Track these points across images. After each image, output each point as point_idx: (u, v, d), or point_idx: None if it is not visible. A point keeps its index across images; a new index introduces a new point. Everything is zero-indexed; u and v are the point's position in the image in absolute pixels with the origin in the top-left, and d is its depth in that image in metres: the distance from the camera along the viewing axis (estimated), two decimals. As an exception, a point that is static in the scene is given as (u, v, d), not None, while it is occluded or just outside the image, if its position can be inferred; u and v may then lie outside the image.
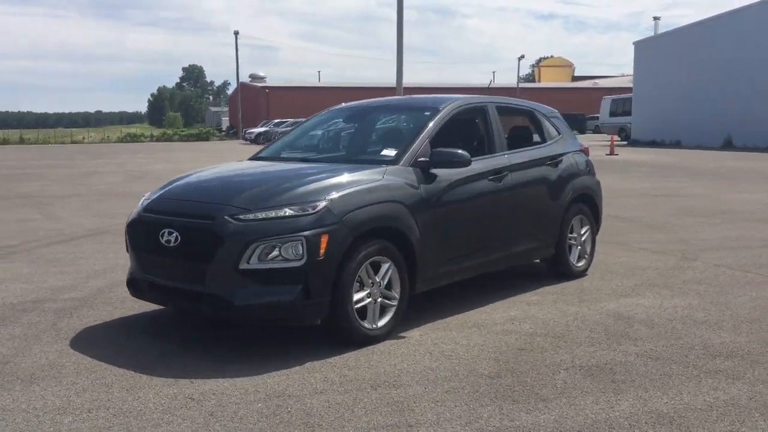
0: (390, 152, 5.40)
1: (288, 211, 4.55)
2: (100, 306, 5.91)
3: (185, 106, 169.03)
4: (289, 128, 42.57)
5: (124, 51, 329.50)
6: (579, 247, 6.83)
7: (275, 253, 4.48)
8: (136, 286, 5.09)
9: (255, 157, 6.27)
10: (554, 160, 6.53)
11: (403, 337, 5.05)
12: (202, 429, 3.59)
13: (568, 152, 6.76)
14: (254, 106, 69.13)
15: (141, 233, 4.97)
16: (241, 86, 70.03)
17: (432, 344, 4.90)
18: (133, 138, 57.80)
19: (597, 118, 50.70)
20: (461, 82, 77.37)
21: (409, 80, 27.30)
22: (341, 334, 4.75)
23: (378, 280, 4.89)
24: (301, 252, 4.46)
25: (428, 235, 5.16)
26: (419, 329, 5.23)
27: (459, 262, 5.54)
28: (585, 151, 7.13)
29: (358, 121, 6.44)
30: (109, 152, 38.30)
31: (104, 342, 5.03)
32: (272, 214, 4.54)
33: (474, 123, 6.23)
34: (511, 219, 5.97)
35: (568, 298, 6.08)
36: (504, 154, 6.01)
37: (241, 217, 4.53)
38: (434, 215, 5.23)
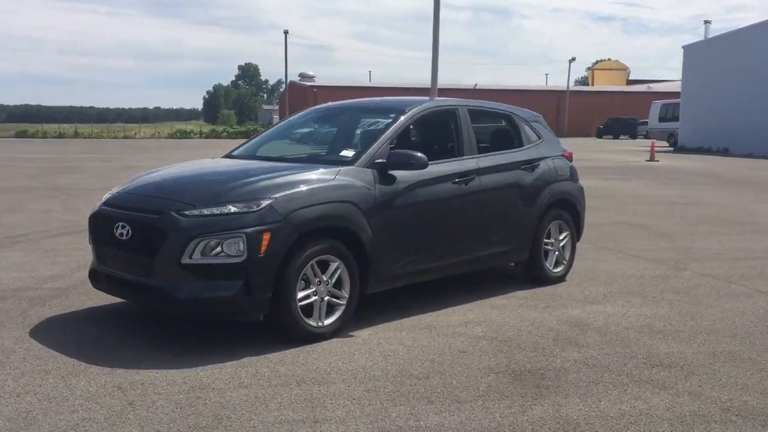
0: (349, 153, 5.48)
1: (231, 209, 4.65)
2: (75, 296, 6.11)
3: (240, 104, 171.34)
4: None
5: (182, 49, 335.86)
6: (557, 253, 6.80)
7: (218, 249, 4.59)
8: (96, 277, 5.27)
9: (227, 155, 6.40)
10: (530, 165, 6.51)
11: (352, 336, 5.11)
12: (116, 417, 3.71)
13: (547, 157, 6.73)
14: (302, 104, 69.67)
15: (99, 226, 5.14)
16: (291, 85, 70.73)
17: (376, 344, 4.95)
18: (183, 134, 58.85)
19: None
20: (513, 84, 76.73)
21: (459, 81, 27.13)
22: (284, 330, 4.84)
23: (325, 278, 4.95)
24: (242, 248, 4.57)
25: (382, 236, 5.21)
26: (371, 329, 5.28)
27: (418, 264, 5.57)
28: (568, 157, 7.09)
29: (331, 122, 6.54)
30: (156, 147, 39.12)
31: (63, 331, 5.22)
32: (216, 210, 4.65)
33: (442, 126, 6.25)
34: (479, 222, 5.98)
35: (534, 303, 6.07)
36: (473, 158, 6.02)
37: (186, 212, 4.66)
38: (389, 216, 5.27)
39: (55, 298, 6.06)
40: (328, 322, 5.01)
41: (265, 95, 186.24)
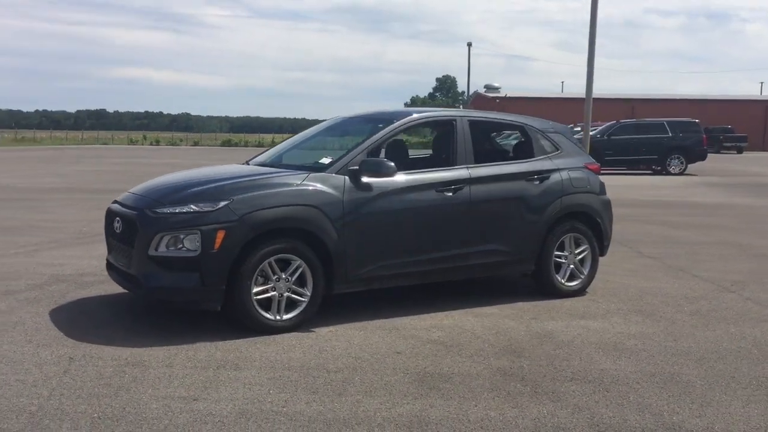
0: (326, 160, 5.85)
1: (192, 208, 5.21)
2: (110, 284, 6.92)
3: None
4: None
5: (383, 62, 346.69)
6: (571, 266, 6.73)
7: (179, 243, 5.15)
8: (108, 266, 6.03)
9: (246, 162, 6.95)
10: (537, 176, 6.52)
11: (311, 331, 5.48)
12: (41, 382, 4.35)
13: (562, 169, 6.69)
14: (485, 115, 69.85)
15: (107, 220, 5.90)
16: (476, 96, 71.16)
17: (326, 340, 5.29)
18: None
19: None
20: (713, 94, 71.91)
21: (671, 90, 26.14)
22: (241, 321, 5.30)
23: (284, 276, 5.36)
24: (197, 244, 5.10)
25: (350, 239, 5.54)
26: (336, 326, 5.61)
27: (393, 269, 5.82)
28: (593, 169, 6.98)
29: (338, 132, 6.89)
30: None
31: (76, 311, 6.02)
32: (178, 210, 5.23)
33: (435, 136, 6.44)
34: (469, 231, 6.11)
35: (521, 314, 6.10)
36: (465, 168, 6.16)
37: (156, 210, 5.28)
38: (359, 220, 5.59)
39: (94, 285, 6.88)
40: (287, 316, 5.40)
41: (461, 106, 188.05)
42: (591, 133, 25.87)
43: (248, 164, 6.58)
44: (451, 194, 6.00)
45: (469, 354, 5.00)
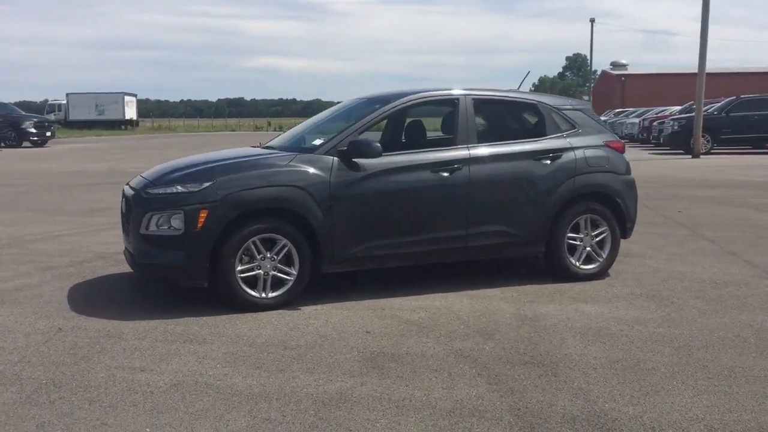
0: (318, 142, 5.95)
1: (178, 188, 5.46)
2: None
3: (565, 95, 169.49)
4: (614, 119, 41.24)
5: (512, 43, 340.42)
6: (587, 249, 6.53)
7: (166, 222, 5.42)
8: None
9: (261, 145, 7.11)
10: (549, 155, 6.35)
11: (297, 309, 5.62)
12: (19, 350, 4.72)
13: (578, 147, 6.47)
14: (610, 94, 67.56)
15: (121, 200, 6.26)
16: (603, 75, 68.87)
17: (304, 318, 5.41)
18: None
19: None
20: None
21: None
22: (225, 298, 5.51)
23: (269, 255, 5.52)
24: (181, 223, 5.35)
25: (337, 219, 5.63)
26: (323, 305, 5.72)
27: (384, 249, 5.85)
28: (616, 147, 6.71)
29: (345, 113, 6.92)
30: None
31: (97, 287, 6.43)
32: (166, 190, 5.49)
33: (436, 115, 6.39)
34: (467, 212, 6.04)
35: (520, 297, 5.99)
36: (465, 147, 6.09)
37: (148, 191, 5.57)
38: (347, 201, 5.66)
39: (121, 263, 7.27)
40: (272, 294, 5.55)
41: (591, 85, 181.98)
42: (708, 111, 24.51)
43: (260, 147, 6.70)
44: (447, 174, 5.93)
45: (438, 335, 4.96)
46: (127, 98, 61.29)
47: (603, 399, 3.88)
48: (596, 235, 6.53)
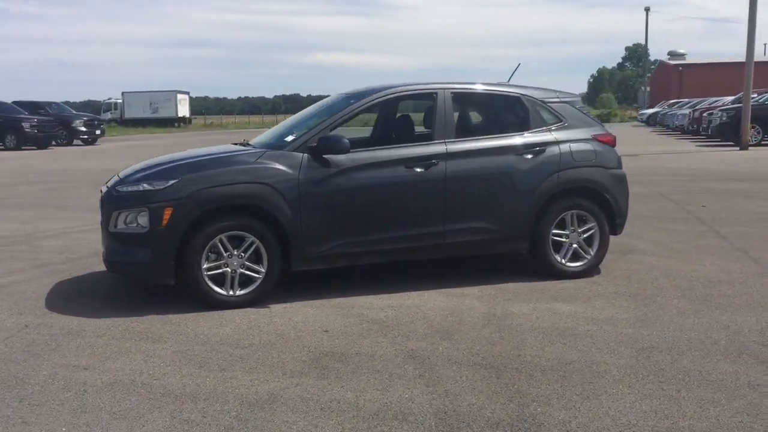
0: (290, 138, 5.91)
1: (144, 186, 5.48)
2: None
3: (624, 86, 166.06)
4: (667, 110, 40.21)
5: (569, 34, 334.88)
6: (574, 246, 6.35)
7: (133, 221, 5.45)
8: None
9: (245, 142, 7.01)
10: (531, 149, 6.19)
11: (265, 307, 5.59)
12: (1, 343, 4.78)
13: (563, 141, 6.29)
14: (667, 85, 65.99)
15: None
16: (660, 65, 67.41)
17: (268, 317, 5.38)
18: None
19: None
20: None
21: None
22: (193, 296, 5.52)
23: (236, 252, 5.51)
24: (146, 221, 5.38)
25: (306, 217, 5.58)
26: (293, 303, 5.68)
27: (357, 246, 5.78)
28: (606, 141, 6.50)
29: (326, 109, 6.78)
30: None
31: (82, 284, 6.53)
32: (133, 188, 5.52)
33: (415, 110, 6.29)
34: (445, 209, 5.93)
35: (497, 295, 5.85)
36: (441, 142, 5.98)
37: (118, 188, 5.61)
38: (316, 198, 5.60)
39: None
40: (240, 292, 5.54)
41: (648, 76, 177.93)
42: (760, 100, 23.70)
43: (241, 144, 6.63)
44: (421, 170, 5.81)
45: (396, 335, 4.87)
46: (179, 96, 62.40)
47: (537, 403, 3.74)
48: (583, 232, 6.33)
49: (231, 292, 5.49)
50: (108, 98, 65.97)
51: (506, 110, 6.55)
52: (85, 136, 33.20)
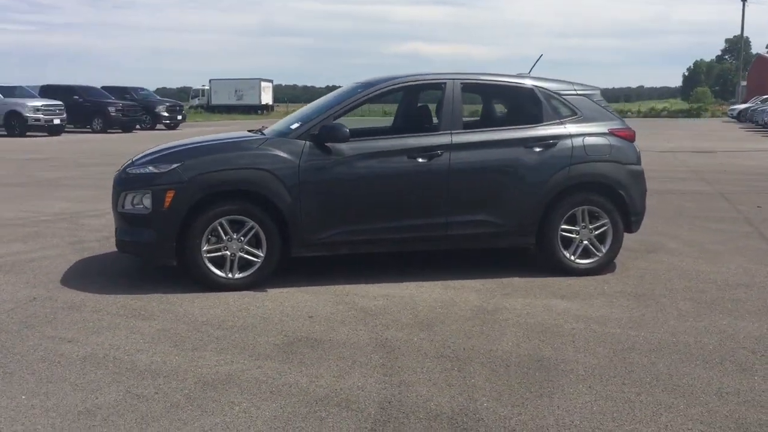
0: (295, 125, 6.00)
1: (150, 169, 5.68)
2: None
3: (722, 81, 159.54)
4: (760, 106, 38.45)
5: (668, 24, 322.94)
6: (584, 242, 6.23)
7: (139, 202, 5.67)
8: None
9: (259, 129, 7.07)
10: (541, 143, 6.10)
11: (263, 291, 5.71)
12: (5, 314, 5.07)
13: (577, 135, 6.16)
14: (763, 80, 63.09)
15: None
16: (758, 59, 64.58)
17: (262, 300, 5.48)
18: (620, 114, 58.11)
19: None
20: None
21: None
22: (193, 277, 5.70)
23: (236, 236, 5.65)
24: (150, 202, 5.58)
25: (306, 204, 5.66)
26: (291, 289, 5.78)
27: (358, 235, 5.82)
28: (624, 136, 6.33)
29: (338, 97, 6.74)
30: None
31: (104, 261, 6.79)
32: (140, 171, 5.73)
33: (420, 100, 6.28)
34: (448, 200, 5.90)
35: (496, 290, 5.78)
36: (448, 133, 5.96)
37: (128, 170, 5.83)
38: (317, 185, 5.67)
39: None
40: (239, 275, 5.67)
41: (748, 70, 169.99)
42: None
43: (260, 131, 6.71)
44: (424, 161, 5.80)
45: (377, 324, 4.90)
46: (263, 84, 63.60)
47: (487, 398, 3.71)
48: (596, 228, 6.17)
49: (230, 275, 5.61)
50: (203, 85, 67.84)
51: (518, 102, 6.45)
52: (168, 121, 34.27)
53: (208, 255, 5.57)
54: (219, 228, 5.55)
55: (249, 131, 6.45)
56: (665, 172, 14.50)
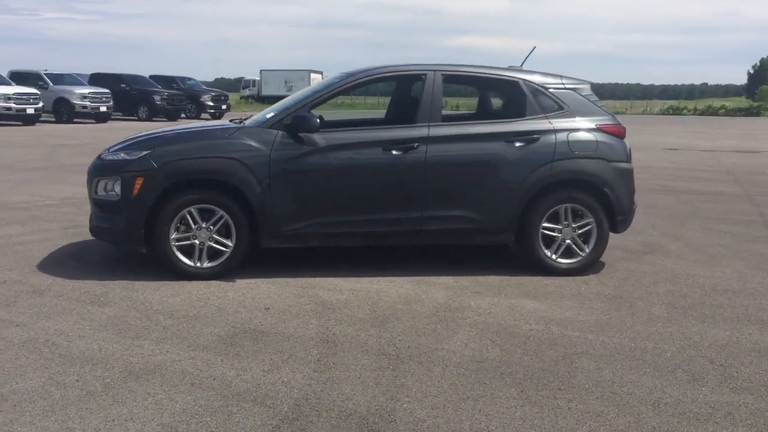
0: (270, 114, 5.94)
1: (121, 156, 5.69)
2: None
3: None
4: None
5: (738, 20, 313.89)
6: (567, 241, 6.04)
7: (111, 188, 5.69)
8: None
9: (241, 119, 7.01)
10: (523, 137, 5.93)
11: (230, 281, 5.67)
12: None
13: (561, 130, 5.96)
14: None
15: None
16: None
17: (224, 291, 5.44)
18: (675, 111, 56.92)
19: None
20: None
21: None
22: (163, 265, 5.70)
23: (204, 225, 5.63)
24: (120, 189, 5.59)
25: (276, 194, 5.60)
26: (259, 280, 5.72)
27: (329, 228, 5.73)
28: (612, 131, 6.11)
29: (320, 86, 6.65)
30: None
31: (89, 244, 6.80)
32: (112, 157, 5.74)
33: (400, 92, 6.17)
34: (423, 195, 5.76)
35: (469, 287, 5.64)
36: (426, 126, 5.84)
37: (102, 157, 5.86)
38: (288, 176, 5.61)
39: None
40: (208, 265, 5.65)
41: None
42: None
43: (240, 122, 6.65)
44: (399, 153, 5.67)
45: (330, 318, 4.83)
46: (313, 75, 63.86)
47: (410, 398, 3.64)
48: (579, 227, 5.96)
49: (198, 264, 5.59)
50: (259, 77, 68.56)
51: (501, 95, 6.27)
52: (212, 110, 34.65)
53: (177, 243, 5.54)
54: (188, 216, 5.52)
55: (230, 120, 6.37)
56: (696, 172, 14.07)
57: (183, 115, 33.20)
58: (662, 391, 3.75)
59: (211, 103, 34.44)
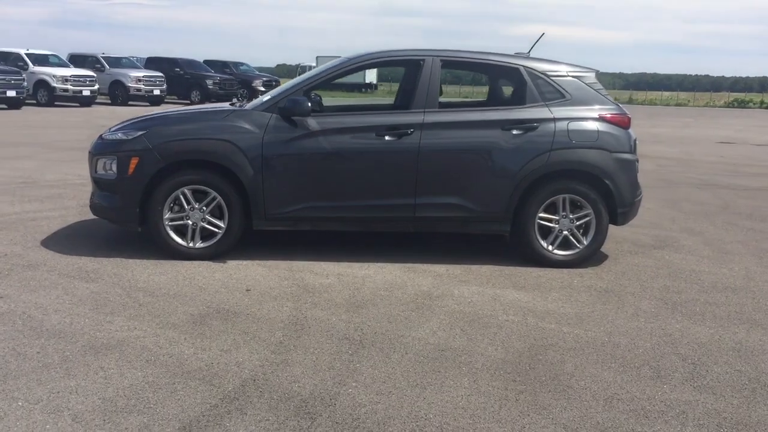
0: (267, 97, 5.98)
1: (119, 136, 5.81)
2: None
3: None
4: None
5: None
6: (564, 232, 5.94)
7: (109, 167, 5.82)
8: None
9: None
10: (520, 125, 5.84)
11: (221, 262, 5.75)
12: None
13: (562, 119, 5.85)
14: None
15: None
16: None
17: (212, 271, 5.50)
18: (741, 104, 55.14)
19: None
20: None
21: None
22: (157, 244, 5.80)
23: (197, 206, 5.71)
24: (115, 168, 5.72)
25: (268, 177, 5.65)
26: (250, 261, 5.77)
27: (323, 211, 5.74)
28: (616, 121, 5.96)
29: (319, 70, 6.61)
30: (678, 115, 37.73)
31: (95, 223, 6.93)
32: (111, 137, 5.86)
33: (403, 78, 6.12)
34: (416, 181, 5.74)
35: (458, 276, 5.58)
36: (421, 112, 5.80)
37: (103, 136, 5.99)
38: (280, 158, 5.64)
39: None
40: (200, 245, 5.73)
41: None
42: None
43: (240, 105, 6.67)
44: (393, 139, 5.65)
45: (307, 302, 4.85)
46: (367, 61, 63.74)
47: (358, 384, 3.63)
48: (578, 219, 5.84)
49: (191, 244, 5.66)
50: (315, 63, 68.90)
51: (501, 82, 6.16)
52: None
53: (170, 223, 5.61)
54: (181, 197, 5.58)
55: (230, 104, 6.41)
56: (743, 167, 13.64)
57: (234, 100, 33.51)
58: (620, 387, 3.65)
59: (262, 88, 34.71)
